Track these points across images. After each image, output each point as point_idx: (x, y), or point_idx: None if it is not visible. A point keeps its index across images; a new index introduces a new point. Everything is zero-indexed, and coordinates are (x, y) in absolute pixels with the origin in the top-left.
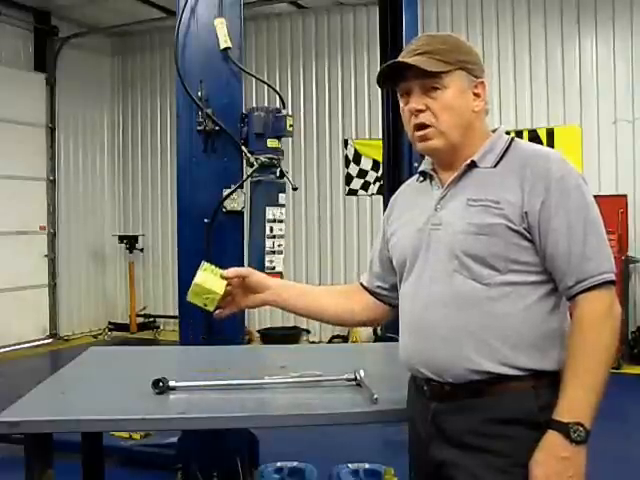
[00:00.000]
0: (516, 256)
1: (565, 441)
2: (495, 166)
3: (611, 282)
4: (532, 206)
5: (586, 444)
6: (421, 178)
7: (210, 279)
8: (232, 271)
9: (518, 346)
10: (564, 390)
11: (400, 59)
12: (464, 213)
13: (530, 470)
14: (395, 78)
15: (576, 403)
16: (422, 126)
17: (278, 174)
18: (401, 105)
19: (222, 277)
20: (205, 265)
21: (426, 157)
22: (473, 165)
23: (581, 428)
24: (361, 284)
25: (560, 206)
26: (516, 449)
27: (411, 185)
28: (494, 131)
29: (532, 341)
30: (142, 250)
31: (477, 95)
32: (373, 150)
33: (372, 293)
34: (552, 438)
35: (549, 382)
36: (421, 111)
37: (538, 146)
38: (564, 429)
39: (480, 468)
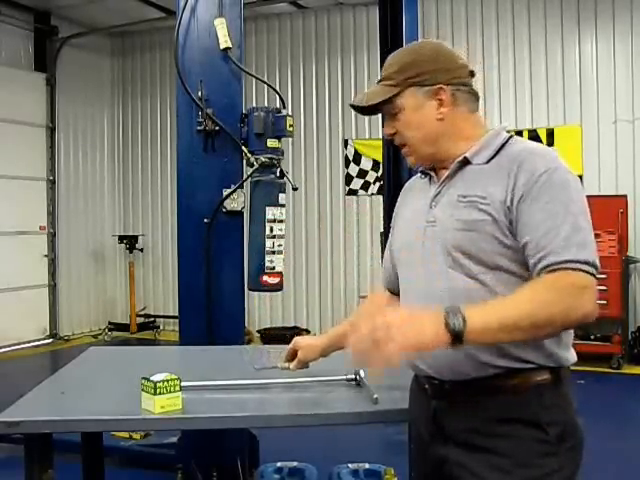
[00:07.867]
0: (503, 252)
1: (439, 317)
2: (488, 162)
3: (589, 273)
4: (513, 200)
5: (447, 342)
6: (422, 175)
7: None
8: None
9: None
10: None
11: (357, 98)
12: (453, 210)
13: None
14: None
15: (481, 311)
16: (401, 146)
17: (278, 174)
18: None
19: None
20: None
21: None
22: (466, 162)
23: (462, 323)
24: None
25: (537, 198)
26: (517, 449)
27: (416, 181)
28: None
29: None
30: (142, 250)
31: (440, 101)
32: (373, 150)
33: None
34: (433, 312)
35: (551, 380)
36: (393, 134)
37: (535, 144)
38: (451, 310)
39: (482, 467)
